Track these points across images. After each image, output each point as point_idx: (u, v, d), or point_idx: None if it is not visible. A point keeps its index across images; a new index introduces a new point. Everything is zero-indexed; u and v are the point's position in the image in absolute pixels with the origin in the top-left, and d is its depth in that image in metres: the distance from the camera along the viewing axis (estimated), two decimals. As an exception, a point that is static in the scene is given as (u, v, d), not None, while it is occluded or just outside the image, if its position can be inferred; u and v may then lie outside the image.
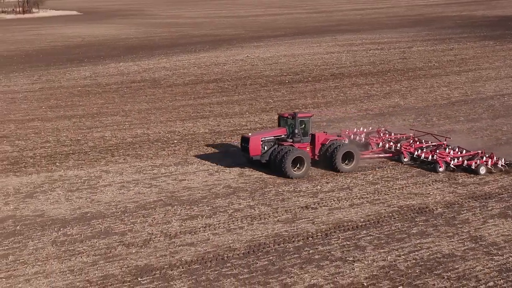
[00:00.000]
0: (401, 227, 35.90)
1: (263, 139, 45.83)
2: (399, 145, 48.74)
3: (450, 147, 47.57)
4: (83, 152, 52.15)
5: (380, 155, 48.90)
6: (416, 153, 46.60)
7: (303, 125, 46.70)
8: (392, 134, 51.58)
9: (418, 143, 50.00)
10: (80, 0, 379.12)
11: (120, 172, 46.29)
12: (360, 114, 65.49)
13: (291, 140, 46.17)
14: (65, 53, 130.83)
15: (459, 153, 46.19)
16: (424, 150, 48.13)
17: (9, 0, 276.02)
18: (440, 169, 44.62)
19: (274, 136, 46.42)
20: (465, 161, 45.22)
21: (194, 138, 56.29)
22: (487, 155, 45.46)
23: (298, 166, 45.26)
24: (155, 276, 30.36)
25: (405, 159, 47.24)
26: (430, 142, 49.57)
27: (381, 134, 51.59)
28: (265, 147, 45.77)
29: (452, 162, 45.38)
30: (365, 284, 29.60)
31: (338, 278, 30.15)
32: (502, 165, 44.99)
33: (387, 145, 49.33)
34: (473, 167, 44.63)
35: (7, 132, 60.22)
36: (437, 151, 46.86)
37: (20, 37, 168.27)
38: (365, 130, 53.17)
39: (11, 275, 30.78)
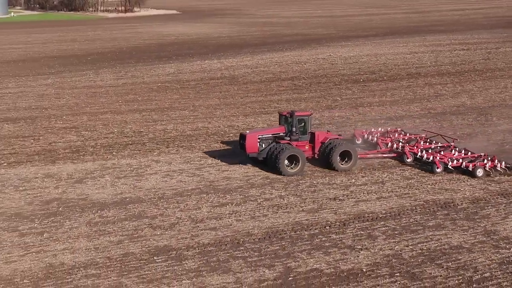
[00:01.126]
0: (419, 220, 36.94)
1: (260, 136, 46.81)
2: (401, 145, 49.26)
3: (457, 148, 47.46)
4: (141, 143, 54.93)
5: (384, 155, 49.30)
6: (419, 153, 46.75)
7: (303, 124, 47.34)
8: (407, 134, 51.96)
9: (427, 144, 49.80)
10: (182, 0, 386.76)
11: (169, 162, 48.79)
12: (422, 113, 66.23)
13: (288, 138, 46.85)
14: (156, 50, 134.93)
15: (462, 155, 46.07)
16: (430, 151, 48.04)
17: (112, 0, 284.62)
18: (438, 170, 45.17)
19: (272, 134, 47.43)
20: (464, 163, 44.69)
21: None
22: (489, 158, 45.00)
23: (294, 163, 45.82)
24: (170, 256, 32.58)
25: (408, 160, 47.84)
26: (439, 143, 49.91)
27: (396, 134, 52.23)
28: (263, 145, 46.67)
29: (450, 163, 45.11)
30: (364, 270, 30.92)
31: (340, 264, 31.60)
32: (501, 168, 44.82)
33: (394, 146, 49.55)
34: (470, 169, 44.14)
35: (78, 123, 63.77)
36: (441, 152, 47.25)
37: (118, 35, 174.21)
38: (381, 129, 53.75)
39: (42, 250, 33.50)
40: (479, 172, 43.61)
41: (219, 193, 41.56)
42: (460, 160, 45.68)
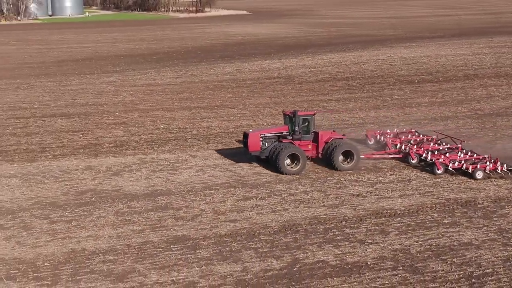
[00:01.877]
0: (436, 217, 37.72)
1: (263, 135, 47.60)
2: (401, 146, 49.98)
3: (464, 150, 47.84)
4: (183, 139, 56.89)
5: (390, 156, 49.77)
6: (424, 154, 47.34)
7: (306, 123, 47.93)
8: (420, 135, 52.58)
9: (436, 145, 50.25)
10: (254, 0, 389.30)
11: (205, 157, 50.57)
12: (468, 114, 66.70)
13: (291, 138, 47.51)
14: (221, 50, 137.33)
15: (467, 157, 46.45)
16: (436, 153, 48.31)
17: (184, 0, 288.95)
18: (438, 172, 45.44)
19: (275, 133, 48.17)
20: (464, 165, 44.96)
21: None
22: (492, 160, 45.12)
23: (295, 163, 46.62)
24: (186, 245, 34.24)
25: (413, 161, 48.29)
26: (448, 145, 50.20)
27: (409, 135, 52.85)
28: (266, 144, 47.50)
29: (451, 165, 45.48)
30: (369, 263, 31.93)
31: (347, 256, 32.68)
32: (502, 171, 44.91)
33: (402, 147, 50.09)
34: (470, 171, 44.41)
35: (129, 119, 66.18)
36: (447, 154, 47.55)
37: (186, 34, 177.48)
38: (396, 130, 54.35)
39: (67, 236, 35.58)
40: (479, 175, 43.97)
41: (247, 187, 42.92)
42: (461, 162, 45.59)
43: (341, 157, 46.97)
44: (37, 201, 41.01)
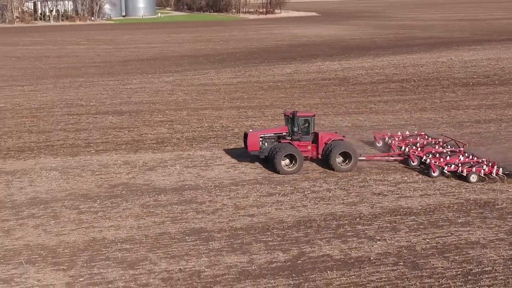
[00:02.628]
0: (450, 217, 38.50)
1: (263, 135, 48.45)
2: (405, 148, 50.49)
3: (466, 154, 48.20)
4: (223, 137, 58.69)
5: (391, 158, 50.17)
6: (424, 157, 47.81)
7: (306, 124, 48.58)
8: (429, 138, 53.11)
9: (441, 148, 50.76)
10: (325, 2, 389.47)
11: (240, 154, 52.13)
12: (497, 118, 66.49)
13: (289, 138, 48.26)
14: (284, 51, 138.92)
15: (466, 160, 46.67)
16: (437, 156, 48.60)
17: (255, 1, 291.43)
18: (434, 174, 45.83)
19: (274, 134, 48.98)
20: (460, 168, 45.22)
21: (331, 130, 60.28)
22: (490, 164, 45.39)
23: (293, 163, 47.44)
24: (200, 237, 35.92)
25: (414, 163, 48.60)
26: (452, 148, 50.61)
27: (418, 138, 53.51)
28: (266, 144, 48.39)
29: (446, 168, 45.82)
30: (371, 258, 33.05)
31: (352, 251, 33.85)
32: (497, 175, 45.18)
33: (406, 149, 50.70)
34: (464, 174, 44.68)
35: (176, 117, 68.37)
36: (447, 157, 48.11)
37: (253, 36, 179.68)
38: (408, 133, 54.88)
39: (91, 226, 37.70)
40: (473, 178, 44.33)
41: (273, 184, 44.37)
42: (458, 165, 46.04)
43: (340, 158, 47.69)
44: (71, 192, 43.05)
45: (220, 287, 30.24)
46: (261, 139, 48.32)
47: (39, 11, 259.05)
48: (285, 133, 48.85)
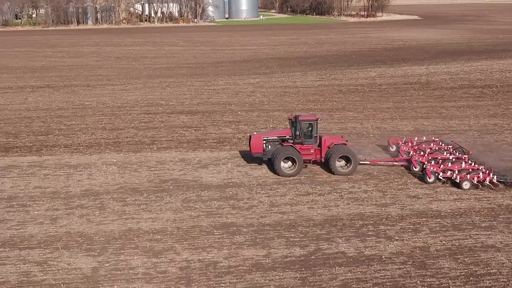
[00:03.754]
0: (476, 221, 39.46)
1: (266, 138, 49.71)
2: (412, 154, 50.68)
3: (469, 161, 48.42)
4: (282, 138, 60.58)
5: (395, 163, 50.60)
6: (425, 163, 48.10)
7: (310, 128, 49.44)
8: (442, 144, 53.38)
9: (448, 154, 50.87)
10: (430, 5, 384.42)
11: (292, 155, 54.09)
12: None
13: (291, 141, 49.28)
14: (376, 55, 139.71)
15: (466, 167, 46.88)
16: (439, 162, 48.91)
17: (356, 5, 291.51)
18: (430, 180, 46.25)
19: (278, 137, 50.12)
20: (454, 175, 45.58)
21: (390, 133, 62.30)
22: (486, 171, 45.51)
23: (293, 165, 48.66)
24: (228, 231, 38.33)
25: (415, 169, 48.91)
26: (459, 154, 50.58)
27: (431, 144, 53.68)
28: (269, 146, 49.79)
29: (441, 174, 46.24)
30: (383, 257, 34.61)
31: (366, 250, 35.42)
32: (490, 182, 45.37)
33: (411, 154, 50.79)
34: (458, 181, 45.01)
35: (245, 118, 71.02)
36: (449, 164, 48.42)
37: (348, 39, 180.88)
38: (424, 138, 55.38)
39: (131, 217, 40.66)
40: (465, 185, 44.65)
41: (313, 184, 46.31)
42: (453, 172, 46.43)
43: (342, 162, 48.81)
44: (123, 186, 46.16)
45: (231, 277, 32.10)
46: (264, 141, 49.84)
47: (146, 13, 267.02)
48: (288, 137, 49.92)
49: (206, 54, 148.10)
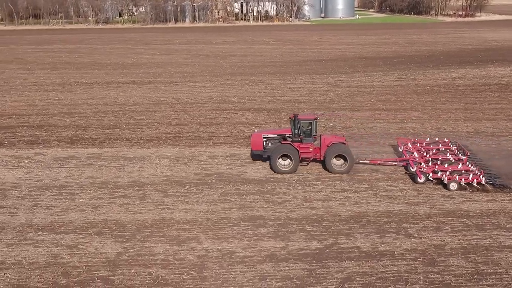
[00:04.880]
0: (501, 222, 39.71)
1: (266, 136, 50.62)
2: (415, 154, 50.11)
3: (468, 163, 48.22)
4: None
5: (394, 163, 50.76)
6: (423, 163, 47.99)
7: (309, 127, 49.95)
8: (450, 145, 52.91)
9: (447, 156, 50.53)
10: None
11: (341, 153, 55.30)
12: None
13: (290, 140, 49.97)
14: (465, 56, 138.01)
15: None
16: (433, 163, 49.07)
17: (454, 4, 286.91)
18: (420, 180, 46.49)
19: (278, 135, 50.90)
20: (444, 176, 45.74)
21: (448, 134, 62.54)
22: (478, 173, 45.20)
23: (290, 163, 48.99)
24: (254, 223, 40.06)
25: (413, 169, 48.56)
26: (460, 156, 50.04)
27: (439, 145, 53.35)
28: (269, 144, 50.61)
29: (431, 174, 46.35)
30: (395, 253, 35.64)
31: (381, 246, 36.48)
32: (478, 184, 45.23)
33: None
34: (445, 182, 44.96)
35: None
36: (445, 164, 48.30)
37: (440, 39, 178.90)
38: (437, 139, 55.10)
39: (167, 207, 42.80)
40: (453, 186, 44.79)
41: (352, 182, 47.42)
42: (444, 172, 46.51)
43: (340, 161, 49.60)
44: (168, 178, 48.49)
45: (242, 266, 33.81)
46: (265, 139, 51.03)
47: (244, 11, 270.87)
48: (288, 135, 50.94)
49: (294, 53, 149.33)
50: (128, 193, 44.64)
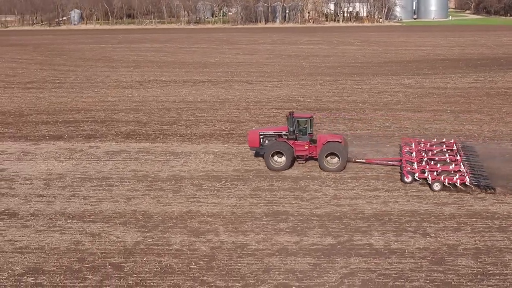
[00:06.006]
0: (522, 225, 39.52)
1: (262, 133, 50.97)
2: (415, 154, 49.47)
3: (461, 163, 47.55)
4: (388, 137, 62.18)
5: (389, 163, 50.53)
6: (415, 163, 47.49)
7: (305, 125, 49.90)
8: (455, 146, 51.73)
9: (447, 155, 49.73)
10: None
11: (385, 152, 55.83)
12: None
13: (285, 137, 49.99)
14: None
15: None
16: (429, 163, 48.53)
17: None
18: (407, 180, 46.44)
19: (274, 132, 51.07)
20: (429, 176, 45.22)
21: (505, 136, 62.28)
22: (465, 174, 44.41)
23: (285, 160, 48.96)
24: (276, 218, 40.92)
25: (407, 169, 47.34)
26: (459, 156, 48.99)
27: (443, 146, 52.48)
28: (266, 141, 50.84)
29: (417, 174, 46.07)
30: (406, 251, 35.92)
31: (394, 244, 36.75)
32: (461, 185, 44.79)
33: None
34: (429, 182, 44.31)
35: (367, 117, 72.36)
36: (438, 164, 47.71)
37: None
38: (444, 139, 54.18)
39: (197, 201, 44.15)
40: (436, 186, 44.38)
41: (386, 181, 47.69)
42: (431, 173, 46.16)
43: (334, 160, 49.95)
44: (207, 173, 49.89)
45: (250, 258, 34.76)
46: (261, 136, 51.58)
47: (336, 12, 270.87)
48: (284, 133, 51.26)
49: (377, 54, 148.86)
50: (165, 186, 46.13)
